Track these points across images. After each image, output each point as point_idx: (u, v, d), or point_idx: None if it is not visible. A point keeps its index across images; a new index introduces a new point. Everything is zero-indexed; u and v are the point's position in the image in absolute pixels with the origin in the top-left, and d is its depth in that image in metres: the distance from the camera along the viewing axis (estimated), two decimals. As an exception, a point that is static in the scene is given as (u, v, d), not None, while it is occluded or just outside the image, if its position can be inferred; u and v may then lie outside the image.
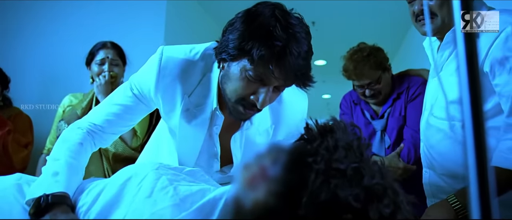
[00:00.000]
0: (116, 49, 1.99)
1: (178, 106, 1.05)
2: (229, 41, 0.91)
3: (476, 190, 0.48)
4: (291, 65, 0.87)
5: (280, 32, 0.86)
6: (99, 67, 1.93)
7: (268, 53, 0.86)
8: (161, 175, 0.81)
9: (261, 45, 0.86)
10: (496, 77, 1.11)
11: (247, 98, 0.95)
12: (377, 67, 1.83)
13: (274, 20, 0.88)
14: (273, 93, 0.95)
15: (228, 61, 0.95)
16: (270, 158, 0.61)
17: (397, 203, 0.59)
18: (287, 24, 0.88)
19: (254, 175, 0.61)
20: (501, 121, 1.13)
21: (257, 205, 0.59)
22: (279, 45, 0.86)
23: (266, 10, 0.90)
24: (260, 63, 0.88)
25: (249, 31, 0.89)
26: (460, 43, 0.51)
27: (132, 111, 1.10)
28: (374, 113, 1.95)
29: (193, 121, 1.07)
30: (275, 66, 0.88)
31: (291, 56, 0.87)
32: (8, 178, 0.92)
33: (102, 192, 0.83)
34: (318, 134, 0.65)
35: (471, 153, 0.49)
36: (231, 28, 0.93)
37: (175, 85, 1.03)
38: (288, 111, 1.12)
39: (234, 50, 0.91)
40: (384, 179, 0.59)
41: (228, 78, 0.96)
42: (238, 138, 1.10)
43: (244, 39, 0.89)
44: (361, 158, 0.61)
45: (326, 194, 0.56)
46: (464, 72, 0.51)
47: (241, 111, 0.98)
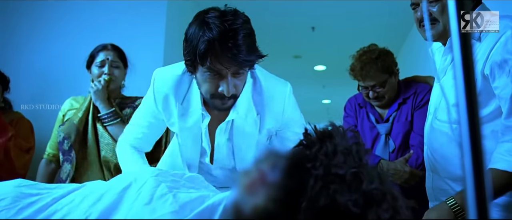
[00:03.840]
0: (117, 51, 1.95)
1: (174, 113, 1.26)
2: (185, 60, 1.14)
3: (472, 190, 0.49)
4: (229, 52, 1.03)
5: (207, 33, 1.04)
6: (99, 69, 1.89)
7: (206, 54, 1.05)
8: (161, 182, 0.82)
9: (199, 51, 1.05)
10: (495, 80, 1.12)
11: (216, 92, 1.12)
12: (384, 71, 1.82)
13: (199, 26, 1.07)
14: (235, 80, 1.12)
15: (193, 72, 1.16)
16: (269, 163, 0.61)
17: (396, 208, 0.58)
18: (210, 24, 1.04)
19: (253, 180, 0.61)
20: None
21: (257, 211, 0.58)
22: (210, 44, 1.04)
23: (193, 24, 1.10)
24: (206, 63, 1.06)
25: (189, 47, 1.10)
26: (456, 46, 0.52)
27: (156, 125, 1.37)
28: (379, 116, 1.94)
29: (188, 124, 1.27)
30: (218, 60, 1.05)
31: (225, 45, 1.03)
32: (9, 183, 0.93)
33: (101, 198, 0.83)
34: (317, 139, 0.65)
35: (467, 154, 0.49)
36: (183, 49, 1.14)
37: (168, 97, 1.25)
38: (269, 100, 1.26)
39: (189, 66, 1.14)
40: (383, 184, 0.59)
41: (198, 83, 1.17)
42: (223, 127, 1.26)
43: (189, 55, 1.10)
44: (360, 163, 0.61)
45: (325, 199, 0.56)
46: (460, 76, 0.51)
47: (218, 103, 1.16)
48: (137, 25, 2.92)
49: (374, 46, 1.92)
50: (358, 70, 1.83)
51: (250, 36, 1.08)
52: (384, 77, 1.83)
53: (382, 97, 1.86)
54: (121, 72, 1.95)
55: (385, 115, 1.92)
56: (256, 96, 1.25)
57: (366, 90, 1.87)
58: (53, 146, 1.98)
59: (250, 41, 1.07)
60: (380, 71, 1.81)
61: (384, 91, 1.84)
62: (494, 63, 1.11)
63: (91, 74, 1.94)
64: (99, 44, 1.97)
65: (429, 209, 1.21)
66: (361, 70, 1.82)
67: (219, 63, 1.06)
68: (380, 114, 1.95)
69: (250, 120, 1.25)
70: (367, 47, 1.91)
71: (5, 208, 0.83)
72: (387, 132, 1.88)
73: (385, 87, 1.84)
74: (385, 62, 1.82)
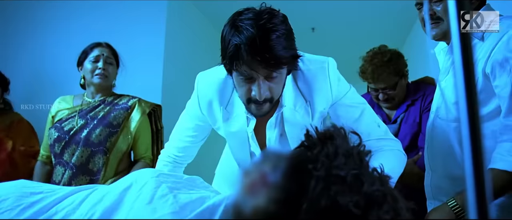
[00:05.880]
0: (111, 49, 1.95)
1: (219, 118, 1.23)
2: (222, 61, 1.07)
3: (472, 190, 0.49)
4: (260, 55, 0.96)
5: (236, 36, 0.97)
6: (92, 64, 1.86)
7: (236, 56, 0.98)
8: (161, 183, 0.82)
9: (229, 54, 0.99)
10: (496, 79, 1.12)
11: (250, 96, 1.06)
12: (396, 74, 1.81)
13: (229, 28, 1.00)
14: (268, 83, 1.04)
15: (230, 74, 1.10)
16: (270, 164, 0.61)
17: (397, 210, 0.59)
18: (240, 25, 0.98)
19: (254, 181, 0.61)
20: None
21: (257, 212, 0.59)
22: (239, 47, 0.97)
23: (227, 25, 1.02)
24: (237, 67, 1.00)
25: (222, 49, 1.03)
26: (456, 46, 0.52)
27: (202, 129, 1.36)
28: (387, 117, 1.93)
29: (234, 128, 1.23)
30: (247, 64, 0.99)
31: (253, 49, 0.96)
32: (12, 184, 0.93)
33: (103, 198, 0.83)
34: (318, 141, 0.66)
35: (467, 154, 0.49)
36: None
37: (212, 102, 1.23)
38: (314, 82, 1.18)
39: (226, 68, 1.07)
40: (384, 186, 0.60)
41: (235, 87, 1.11)
42: (273, 121, 1.21)
43: (223, 58, 1.04)
44: (361, 165, 0.62)
45: (326, 200, 0.56)
46: (460, 74, 0.51)
47: (253, 109, 1.10)
48: (137, 25, 2.92)
49: (384, 47, 1.90)
50: (369, 72, 1.82)
51: (285, 37, 0.99)
52: (395, 80, 1.82)
53: (392, 99, 1.86)
54: (114, 70, 1.94)
55: (392, 116, 1.92)
56: (302, 84, 1.18)
57: (376, 92, 1.87)
58: (45, 148, 1.94)
59: (284, 43, 0.99)
60: (392, 74, 1.80)
61: (394, 93, 1.84)
62: (495, 61, 1.11)
63: (82, 70, 1.91)
64: (92, 42, 1.95)
65: (430, 210, 1.21)
66: (373, 73, 1.81)
67: (248, 67, 1.00)
68: (388, 115, 1.94)
69: (300, 110, 1.19)
70: (378, 49, 1.89)
71: (8, 208, 0.83)
72: (395, 134, 1.86)
73: (395, 90, 1.83)
74: (397, 65, 1.81)
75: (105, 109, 1.87)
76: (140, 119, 1.88)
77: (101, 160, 1.79)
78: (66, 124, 1.85)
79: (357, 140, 0.69)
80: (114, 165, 1.83)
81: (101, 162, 1.79)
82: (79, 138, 1.79)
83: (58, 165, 1.82)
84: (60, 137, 1.81)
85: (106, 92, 1.93)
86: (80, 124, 1.83)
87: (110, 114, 1.85)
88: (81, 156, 1.78)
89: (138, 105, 1.91)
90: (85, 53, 1.91)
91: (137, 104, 1.91)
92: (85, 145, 1.78)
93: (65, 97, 2.00)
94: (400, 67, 1.82)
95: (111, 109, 1.87)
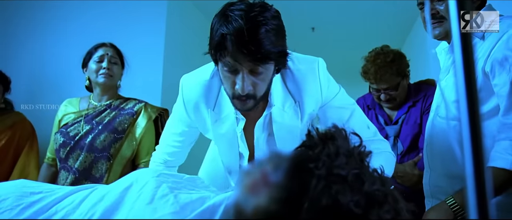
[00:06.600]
0: (115, 49, 1.92)
1: (208, 120, 1.20)
2: (209, 51, 1.04)
3: (473, 190, 0.49)
4: (246, 47, 0.93)
5: (224, 26, 0.95)
6: (97, 64, 1.83)
7: (221, 45, 0.96)
8: (162, 183, 0.82)
9: (214, 44, 0.98)
10: (495, 77, 1.12)
11: (234, 90, 1.03)
12: (398, 74, 1.82)
13: (219, 17, 0.98)
14: (253, 78, 1.01)
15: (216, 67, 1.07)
16: (272, 164, 0.61)
17: (397, 210, 0.59)
18: (230, 15, 0.95)
19: (255, 181, 0.61)
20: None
21: (259, 211, 0.59)
22: (225, 37, 0.95)
23: (216, 15, 1.00)
24: (221, 57, 0.98)
25: (210, 38, 1.01)
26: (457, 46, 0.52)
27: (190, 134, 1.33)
28: (388, 118, 1.94)
29: (223, 130, 1.20)
30: (231, 55, 0.96)
31: (239, 40, 0.93)
32: (12, 183, 0.93)
33: (103, 198, 0.83)
34: (320, 140, 0.66)
35: (468, 153, 0.49)
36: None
37: (198, 105, 1.20)
38: (303, 83, 1.16)
39: (213, 59, 1.05)
40: (385, 186, 0.60)
41: (221, 81, 1.07)
42: (261, 122, 1.19)
43: (209, 47, 1.02)
44: (362, 164, 0.62)
45: (327, 199, 0.56)
46: (460, 74, 0.51)
47: (237, 103, 1.06)
48: (137, 25, 2.92)
49: (387, 47, 1.90)
50: (372, 73, 1.82)
51: (275, 33, 0.96)
52: (398, 80, 1.83)
53: (394, 100, 1.86)
54: (119, 70, 1.91)
55: (394, 117, 1.92)
56: (291, 84, 1.16)
57: (378, 92, 1.87)
58: (52, 151, 1.92)
59: (273, 38, 0.96)
60: (395, 75, 1.81)
61: (396, 94, 1.84)
62: (495, 60, 1.12)
63: (87, 71, 1.89)
64: (95, 42, 1.93)
65: (429, 209, 1.21)
66: (375, 73, 1.81)
67: (232, 58, 0.97)
68: (389, 115, 1.95)
69: (289, 110, 1.16)
70: (380, 49, 1.90)
71: (8, 208, 0.83)
72: (396, 134, 1.87)
73: (397, 90, 1.84)
74: (399, 66, 1.82)
75: (111, 114, 1.85)
76: (146, 125, 1.86)
77: (104, 166, 1.78)
78: (71, 129, 1.83)
79: (357, 141, 0.69)
80: (117, 171, 1.81)
81: (104, 168, 1.78)
82: (83, 144, 1.78)
83: (63, 169, 1.81)
84: (66, 143, 1.79)
85: (112, 93, 1.90)
86: (85, 129, 1.81)
87: (115, 119, 1.83)
88: (84, 162, 1.77)
89: (144, 110, 1.88)
90: (90, 53, 1.88)
91: (143, 109, 1.88)
92: (89, 151, 1.76)
93: (71, 100, 1.97)
94: (402, 68, 1.83)
95: (117, 114, 1.85)
